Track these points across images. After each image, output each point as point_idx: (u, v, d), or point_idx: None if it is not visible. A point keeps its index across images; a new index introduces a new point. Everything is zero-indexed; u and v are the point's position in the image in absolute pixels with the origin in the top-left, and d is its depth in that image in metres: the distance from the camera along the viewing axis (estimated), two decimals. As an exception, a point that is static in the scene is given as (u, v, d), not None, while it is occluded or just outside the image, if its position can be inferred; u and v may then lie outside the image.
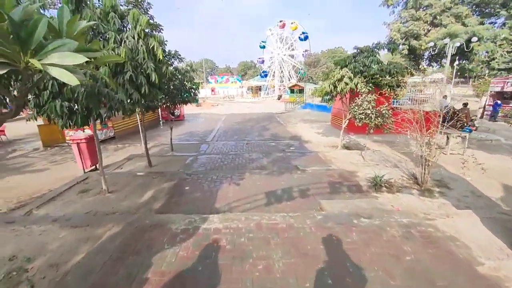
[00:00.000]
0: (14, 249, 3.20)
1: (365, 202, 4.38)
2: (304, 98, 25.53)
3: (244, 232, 3.40)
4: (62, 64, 1.91)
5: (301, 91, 31.10)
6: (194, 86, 9.58)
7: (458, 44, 15.40)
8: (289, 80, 48.19)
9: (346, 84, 8.07)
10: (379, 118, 6.82)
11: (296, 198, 4.83)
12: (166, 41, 6.96)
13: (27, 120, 4.04)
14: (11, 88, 3.33)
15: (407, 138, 9.94)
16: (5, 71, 1.87)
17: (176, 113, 19.41)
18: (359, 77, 8.12)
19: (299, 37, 46.77)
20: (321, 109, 21.64)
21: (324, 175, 6.03)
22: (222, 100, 44.33)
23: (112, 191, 5.33)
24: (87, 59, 2.29)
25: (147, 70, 4.18)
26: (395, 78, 7.93)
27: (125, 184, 5.75)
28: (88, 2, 4.23)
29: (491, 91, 16.18)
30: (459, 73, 24.82)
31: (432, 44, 15.27)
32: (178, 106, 9.65)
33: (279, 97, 40.97)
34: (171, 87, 8.27)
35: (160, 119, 19.40)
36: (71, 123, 3.73)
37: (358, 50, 8.90)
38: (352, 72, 8.13)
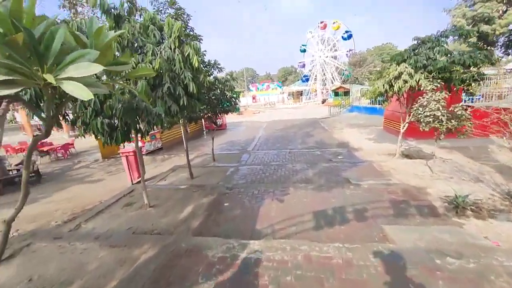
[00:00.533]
0: (56, 268, 3.19)
1: (447, 232, 3.37)
2: (350, 101, 23.76)
3: (290, 268, 2.81)
4: (78, 77, 1.63)
5: (346, 93, 29.16)
6: (234, 95, 9.43)
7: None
8: (332, 82, 45.99)
9: (405, 82, 6.90)
10: (452, 121, 5.53)
11: (351, 221, 4.04)
12: (205, 51, 6.94)
13: (75, 137, 4.17)
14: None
15: (485, 142, 8.19)
16: (16, 90, 1.67)
17: (218, 123, 19.89)
18: (421, 73, 6.87)
19: (342, 37, 44.49)
20: (370, 112, 19.77)
21: (384, 192, 5.06)
22: (263, 107, 44.47)
23: (153, 205, 5.29)
24: (110, 70, 1.97)
25: (184, 81, 3.98)
26: (477, 69, 6.46)
27: (167, 198, 5.69)
28: (131, 19, 4.26)
29: None
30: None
31: (513, 27, 12.34)
32: (220, 115, 9.58)
33: (324, 101, 39.32)
34: (212, 97, 8.21)
35: (204, 129, 20.08)
36: (111, 140, 3.69)
37: (419, 41, 7.61)
38: (412, 67, 6.93)
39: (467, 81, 6.59)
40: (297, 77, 71.92)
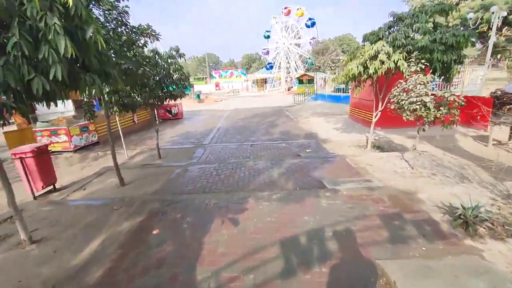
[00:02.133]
0: None
1: (474, 273, 2.28)
2: (314, 89, 23.17)
3: None
4: None
5: (310, 81, 28.64)
6: (183, 77, 7.61)
7: (505, 14, 12.72)
8: (296, 70, 45.55)
9: (382, 62, 5.89)
10: (441, 108, 4.62)
11: (334, 255, 2.78)
12: (127, 6, 4.89)
13: None
14: None
15: (449, 131, 7.79)
16: None
17: (173, 111, 17.56)
18: (399, 53, 5.92)
19: (305, 24, 43.85)
20: (334, 100, 19.33)
21: (368, 200, 3.94)
22: (226, 95, 42.33)
23: (40, 239, 3.43)
24: None
25: (48, 34, 2.18)
26: (459, 50, 5.70)
27: (69, 223, 3.84)
28: None
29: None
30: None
31: (471, 16, 12.53)
32: (167, 102, 7.74)
33: (289, 89, 38.73)
34: (150, 76, 6.28)
35: (156, 118, 17.58)
36: None
37: (395, 18, 6.63)
38: (390, 46, 5.93)
39: (447, 63, 5.80)
40: (261, 64, 70.43)
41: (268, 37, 48.59)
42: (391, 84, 6.88)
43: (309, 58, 45.98)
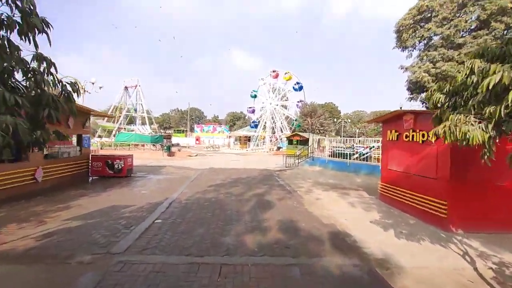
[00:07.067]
0: None
1: None
2: (309, 151, 19.27)
3: None
4: None
5: (301, 142, 25.16)
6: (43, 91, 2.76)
7: None
8: (282, 131, 43.40)
9: None
10: None
11: None
12: None
13: None
14: None
15: None
16: None
17: (116, 166, 12.08)
18: None
19: (293, 87, 43.89)
20: (338, 167, 15.10)
21: None
22: (205, 150, 37.78)
23: None
24: None
25: None
26: None
27: None
28: None
29: None
30: None
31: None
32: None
33: (278, 149, 36.06)
34: None
35: (90, 174, 11.96)
36: None
37: None
38: None
39: None
40: (245, 123, 69.31)
41: (255, 96, 47.86)
42: None
43: (295, 120, 44.63)
